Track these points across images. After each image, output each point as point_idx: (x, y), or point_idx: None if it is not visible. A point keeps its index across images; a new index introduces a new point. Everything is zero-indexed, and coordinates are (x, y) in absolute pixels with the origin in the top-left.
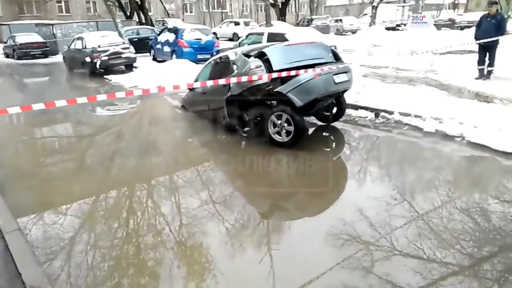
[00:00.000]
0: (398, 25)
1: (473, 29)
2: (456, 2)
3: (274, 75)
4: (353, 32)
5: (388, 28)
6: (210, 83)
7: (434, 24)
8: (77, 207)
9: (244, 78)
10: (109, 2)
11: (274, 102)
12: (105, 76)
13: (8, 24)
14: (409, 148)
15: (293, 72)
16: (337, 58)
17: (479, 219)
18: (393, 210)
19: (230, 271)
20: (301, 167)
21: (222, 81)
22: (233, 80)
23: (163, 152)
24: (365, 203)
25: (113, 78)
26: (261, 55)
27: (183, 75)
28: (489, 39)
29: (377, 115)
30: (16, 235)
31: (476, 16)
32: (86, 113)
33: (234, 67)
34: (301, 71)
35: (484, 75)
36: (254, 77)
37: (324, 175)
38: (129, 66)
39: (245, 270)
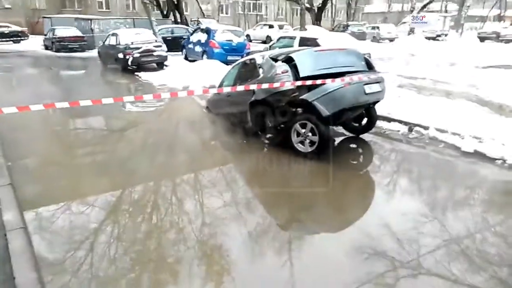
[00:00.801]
0: (438, 35)
1: None
2: (502, 14)
3: (299, 82)
4: (391, 40)
5: (428, 38)
6: (240, 88)
7: (477, 37)
8: (98, 201)
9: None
10: (145, 0)
11: (299, 109)
12: (136, 73)
13: (50, 17)
14: (443, 168)
15: (321, 80)
16: (370, 67)
17: None
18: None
19: None
20: (323, 178)
21: (253, 86)
22: (258, 85)
23: (181, 152)
24: (389, 221)
25: (143, 75)
26: (289, 60)
27: (212, 75)
28: None
29: (410, 129)
30: (19, 233)
31: None
32: (116, 109)
33: (260, 70)
34: (329, 80)
35: None
36: (277, 84)
37: (347, 189)
38: (161, 64)
39: None
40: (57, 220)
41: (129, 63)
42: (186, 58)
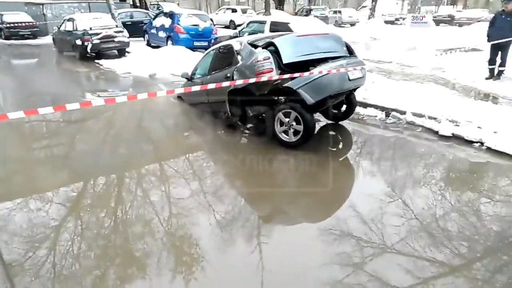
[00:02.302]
0: (397, 19)
1: (473, 26)
2: None
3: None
4: (352, 24)
5: (387, 22)
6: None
7: (433, 20)
8: (57, 197)
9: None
10: None
11: (282, 98)
12: (96, 61)
13: None
14: (423, 152)
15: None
16: (350, 52)
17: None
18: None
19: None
20: (303, 167)
21: (251, 80)
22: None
23: (153, 146)
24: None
25: (104, 63)
26: (270, 46)
27: (179, 62)
28: (504, 40)
29: (387, 115)
30: None
31: (475, 13)
32: (74, 98)
33: (239, 57)
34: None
35: (494, 75)
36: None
37: (327, 177)
38: (122, 50)
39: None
40: (14, 218)
41: (88, 50)
42: (148, 44)
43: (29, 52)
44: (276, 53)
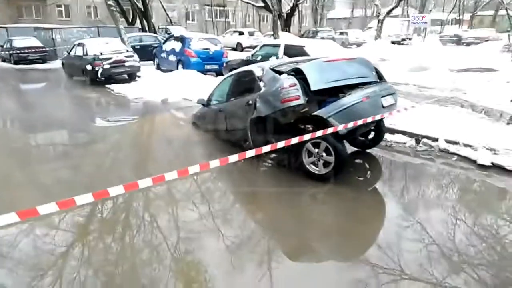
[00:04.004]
0: (403, 39)
1: (481, 45)
2: (458, 18)
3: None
4: (359, 45)
5: (393, 42)
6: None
7: (439, 40)
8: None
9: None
10: (112, 8)
11: (310, 127)
12: (106, 86)
13: (5, 27)
14: (462, 184)
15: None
16: (380, 77)
17: None
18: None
19: None
20: (329, 198)
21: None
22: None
23: (165, 170)
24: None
25: (115, 88)
26: (296, 72)
27: (190, 86)
28: None
29: (417, 142)
30: None
31: (482, 32)
32: (84, 123)
33: (261, 84)
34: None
35: None
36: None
37: (355, 210)
38: (132, 75)
39: None
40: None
41: (99, 75)
42: (158, 68)
43: (38, 77)
44: (302, 80)
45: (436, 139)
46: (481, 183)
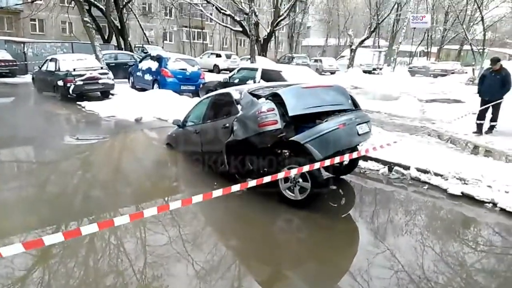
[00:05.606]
0: (374, 69)
1: (447, 77)
2: (427, 51)
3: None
4: (332, 72)
5: (365, 71)
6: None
7: (408, 71)
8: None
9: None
10: (88, 24)
11: (286, 152)
12: (78, 102)
13: None
14: (432, 212)
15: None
16: (355, 105)
17: None
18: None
19: None
20: (301, 224)
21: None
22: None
23: (135, 194)
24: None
25: (87, 105)
26: (274, 97)
27: (165, 106)
28: (497, 101)
29: (390, 169)
30: None
31: (449, 65)
32: (54, 141)
33: (239, 107)
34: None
35: (481, 131)
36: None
37: (329, 237)
38: (106, 92)
39: None
40: None
41: (70, 91)
42: (133, 87)
43: (6, 91)
44: (280, 104)
45: (408, 167)
46: (452, 213)
